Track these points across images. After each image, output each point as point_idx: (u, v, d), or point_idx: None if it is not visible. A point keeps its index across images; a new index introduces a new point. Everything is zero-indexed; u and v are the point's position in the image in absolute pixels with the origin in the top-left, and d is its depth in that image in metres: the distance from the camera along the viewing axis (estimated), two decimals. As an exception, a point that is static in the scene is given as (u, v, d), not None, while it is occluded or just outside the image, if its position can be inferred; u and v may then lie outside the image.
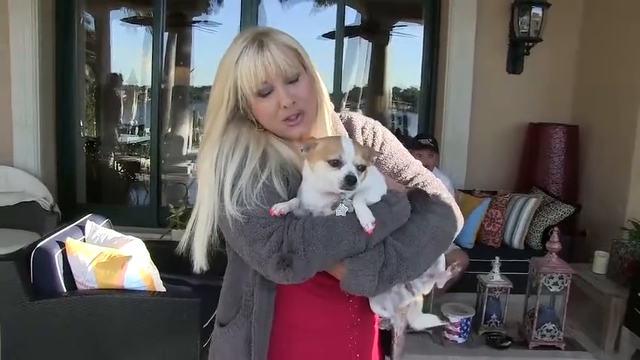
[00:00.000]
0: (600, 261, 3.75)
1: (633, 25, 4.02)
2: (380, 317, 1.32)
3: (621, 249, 3.61)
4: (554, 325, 2.62)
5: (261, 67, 1.20)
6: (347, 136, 1.35)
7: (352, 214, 1.15)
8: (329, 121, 1.33)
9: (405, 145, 1.44)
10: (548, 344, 2.62)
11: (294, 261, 1.12)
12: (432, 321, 1.41)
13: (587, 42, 4.69)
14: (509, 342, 2.63)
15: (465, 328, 2.65)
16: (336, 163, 1.13)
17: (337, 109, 1.41)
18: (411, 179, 1.35)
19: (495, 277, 2.74)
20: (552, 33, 4.53)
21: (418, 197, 1.26)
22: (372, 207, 1.16)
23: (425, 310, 1.38)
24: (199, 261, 1.28)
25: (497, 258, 2.79)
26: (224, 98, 1.24)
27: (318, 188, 1.18)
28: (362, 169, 1.15)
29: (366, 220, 1.13)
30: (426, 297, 1.37)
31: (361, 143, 1.35)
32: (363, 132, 1.38)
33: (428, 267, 1.24)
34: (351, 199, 1.16)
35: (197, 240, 1.25)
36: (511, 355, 2.60)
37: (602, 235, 4.14)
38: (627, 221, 3.80)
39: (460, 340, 2.65)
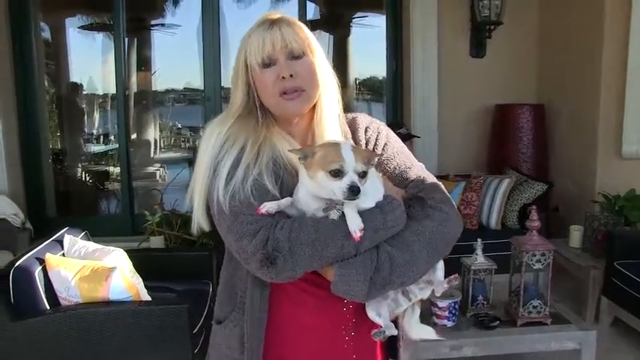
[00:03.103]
0: (575, 235, 3.84)
1: (591, 4, 4.11)
2: (374, 330, 1.27)
3: (594, 221, 3.71)
4: (539, 302, 2.66)
5: (268, 40, 1.23)
6: (349, 135, 1.35)
7: (344, 219, 1.14)
8: (335, 113, 1.32)
9: None
10: (534, 320, 2.67)
11: (278, 260, 1.12)
12: (428, 333, 1.36)
13: (546, 23, 4.79)
14: (498, 322, 2.67)
15: (454, 311, 2.67)
16: (337, 173, 1.11)
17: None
18: (412, 181, 1.32)
19: (479, 259, 2.77)
20: (513, 15, 4.61)
21: (416, 203, 1.25)
22: (366, 213, 1.15)
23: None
24: (199, 219, 1.28)
25: (479, 240, 2.82)
26: (238, 72, 1.29)
27: (315, 194, 1.16)
28: (363, 175, 1.13)
29: (354, 226, 1.12)
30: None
31: (363, 142, 1.35)
32: (366, 131, 1.37)
33: (423, 274, 1.22)
34: (343, 204, 1.14)
35: (196, 200, 1.26)
36: (500, 335, 2.64)
37: (575, 209, 4.24)
38: (597, 194, 3.91)
39: (449, 324, 2.67)
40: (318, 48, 1.29)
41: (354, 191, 1.09)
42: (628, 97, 3.93)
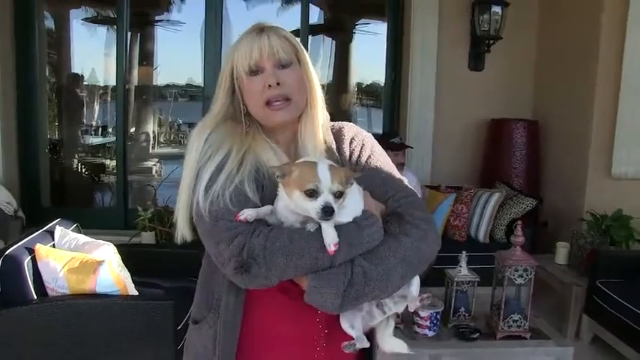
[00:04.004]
0: (561, 251, 3.88)
1: (587, 23, 4.16)
2: (344, 342, 1.26)
3: (580, 239, 3.75)
4: (519, 316, 2.69)
5: (256, 48, 1.26)
6: (333, 146, 1.37)
7: (320, 231, 1.15)
8: (320, 124, 1.34)
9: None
10: (514, 334, 2.70)
11: (252, 268, 1.13)
12: (400, 347, 1.35)
13: (544, 40, 4.84)
14: (478, 334, 2.69)
15: (435, 321, 2.70)
16: (312, 193, 1.11)
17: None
18: (393, 196, 1.31)
19: (463, 272, 2.80)
20: (512, 31, 4.65)
21: (395, 219, 1.25)
22: (343, 228, 1.15)
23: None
24: (182, 230, 1.30)
25: (463, 252, 2.85)
26: (223, 79, 1.31)
27: (292, 210, 1.17)
28: (339, 195, 1.13)
29: (329, 240, 1.12)
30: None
31: (347, 154, 1.36)
32: (351, 143, 1.38)
33: (397, 289, 1.22)
34: None
35: (180, 211, 1.29)
36: (480, 347, 2.67)
37: (564, 226, 4.28)
38: (585, 212, 3.94)
39: (430, 334, 2.70)
40: (305, 58, 1.32)
41: (327, 212, 1.10)
42: (619, 118, 3.98)
